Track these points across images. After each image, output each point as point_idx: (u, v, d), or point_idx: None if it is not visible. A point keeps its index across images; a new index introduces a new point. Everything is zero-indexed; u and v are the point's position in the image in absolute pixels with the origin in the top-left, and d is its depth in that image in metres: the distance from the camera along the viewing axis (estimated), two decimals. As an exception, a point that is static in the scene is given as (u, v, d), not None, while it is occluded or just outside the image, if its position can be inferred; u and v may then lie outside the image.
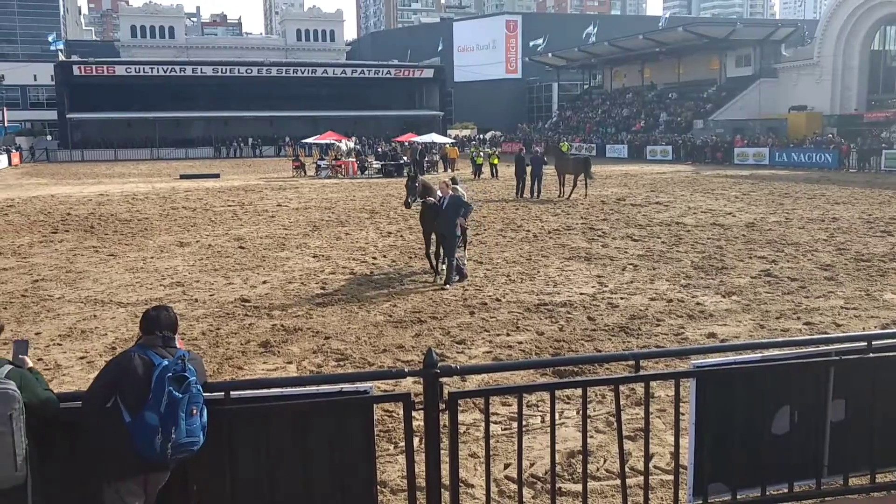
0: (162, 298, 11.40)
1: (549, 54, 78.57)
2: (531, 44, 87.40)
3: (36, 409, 3.59)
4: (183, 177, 40.89)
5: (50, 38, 79.38)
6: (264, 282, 12.82)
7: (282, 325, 9.90)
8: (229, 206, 25.41)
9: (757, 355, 4.85)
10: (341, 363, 8.37)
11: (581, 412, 4.75)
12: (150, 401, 3.65)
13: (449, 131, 73.45)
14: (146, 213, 23.45)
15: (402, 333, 9.50)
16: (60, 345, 9.09)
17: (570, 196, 26.11)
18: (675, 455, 4.73)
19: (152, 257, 15.35)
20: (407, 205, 13.57)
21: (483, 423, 6.41)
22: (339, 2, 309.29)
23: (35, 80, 78.09)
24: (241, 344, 9.08)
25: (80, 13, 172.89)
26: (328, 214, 22.51)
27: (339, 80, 77.89)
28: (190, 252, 15.95)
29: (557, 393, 5.03)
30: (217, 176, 41.23)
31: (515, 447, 5.95)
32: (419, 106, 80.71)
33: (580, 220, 20.21)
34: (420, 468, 4.49)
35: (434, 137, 54.92)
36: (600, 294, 11.48)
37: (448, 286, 11.96)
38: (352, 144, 51.30)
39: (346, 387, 4.37)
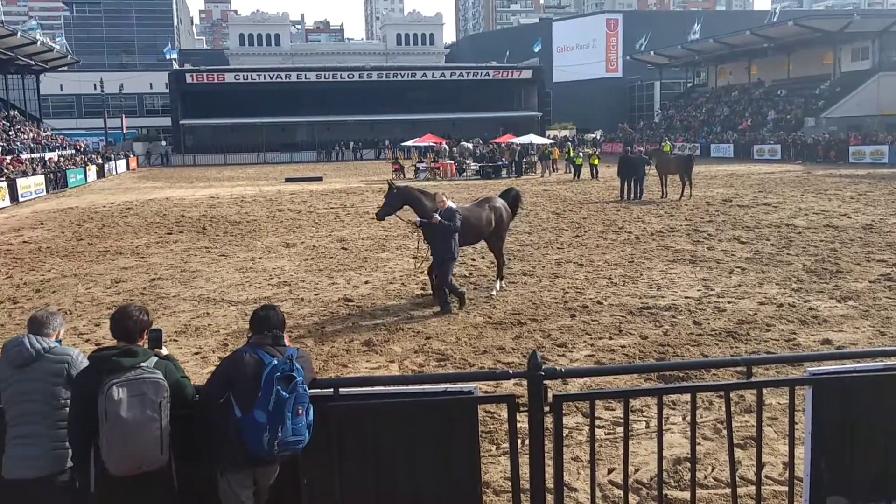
0: (270, 297, 11.80)
1: (651, 52, 76.90)
2: (633, 42, 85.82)
3: (176, 396, 3.83)
4: (288, 180, 42.14)
5: (165, 50, 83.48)
6: (366, 282, 13.07)
7: (383, 325, 10.07)
8: (332, 208, 26.04)
9: (879, 363, 4.61)
10: (442, 363, 8.44)
11: (690, 418, 4.61)
12: (260, 399, 3.80)
13: (547, 132, 72.93)
14: (254, 215, 24.31)
15: (501, 335, 9.50)
16: (176, 341, 9.53)
17: (680, 196, 25.46)
18: (790, 465, 4.54)
19: (260, 258, 15.90)
20: (378, 216, 11.53)
21: (585, 427, 6.36)
22: (439, 5, 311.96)
23: (151, 88, 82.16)
24: (346, 342, 9.29)
25: (192, 23, 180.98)
26: (428, 216, 22.71)
27: (437, 83, 78.58)
28: (295, 253, 16.43)
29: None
30: (320, 179, 42.28)
31: (618, 452, 5.89)
32: (517, 107, 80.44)
33: (684, 222, 19.69)
34: (523, 470, 4.48)
35: (532, 138, 54.66)
36: (706, 298, 11.16)
37: (443, 313, 10.54)
38: (470, 146, 51.75)
39: (450, 387, 4.40)
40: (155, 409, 3.66)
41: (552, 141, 58.69)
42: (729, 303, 10.81)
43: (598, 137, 74.61)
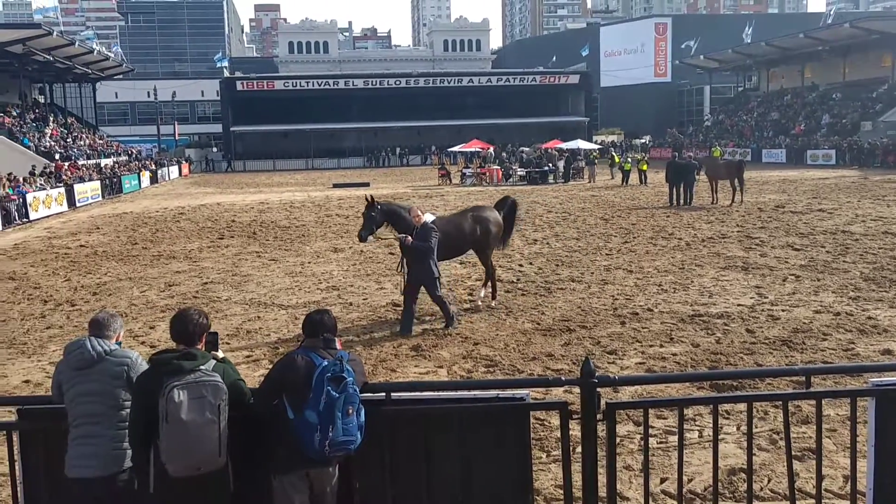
0: (319, 302, 11.91)
1: (701, 57, 75.81)
2: (682, 46, 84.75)
3: (233, 398, 3.89)
4: (336, 185, 42.43)
5: (216, 58, 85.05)
6: (414, 287, 13.08)
7: (431, 330, 10.09)
8: (379, 213, 26.13)
9: (946, 375, 4.46)
10: (490, 369, 8.42)
11: (747, 428, 4.49)
12: (311, 400, 3.84)
13: (595, 137, 72.37)
14: (303, 220, 24.58)
15: (550, 342, 9.43)
16: (228, 343, 9.66)
17: (731, 202, 25.03)
18: (852, 479, 4.42)
19: (309, 262, 16.07)
20: (360, 237, 10.88)
21: (636, 436, 6.28)
22: (486, 10, 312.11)
23: (202, 95, 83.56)
24: (394, 347, 9.33)
25: (242, 32, 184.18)
26: (475, 222, 22.69)
27: (483, 89, 78.52)
28: (344, 257, 16.56)
29: (718, 407, 4.82)
30: (367, 185, 42.50)
31: (670, 461, 5.80)
32: (564, 112, 79.92)
33: (736, 228, 19.35)
34: (575, 478, 4.43)
35: (580, 143, 54.32)
36: (759, 305, 10.94)
37: (450, 328, 10.02)
38: (529, 150, 51.78)
39: (501, 393, 4.39)
40: (214, 411, 3.71)
41: (599, 146, 58.25)
42: (783, 311, 10.58)
43: (647, 142, 73.76)
